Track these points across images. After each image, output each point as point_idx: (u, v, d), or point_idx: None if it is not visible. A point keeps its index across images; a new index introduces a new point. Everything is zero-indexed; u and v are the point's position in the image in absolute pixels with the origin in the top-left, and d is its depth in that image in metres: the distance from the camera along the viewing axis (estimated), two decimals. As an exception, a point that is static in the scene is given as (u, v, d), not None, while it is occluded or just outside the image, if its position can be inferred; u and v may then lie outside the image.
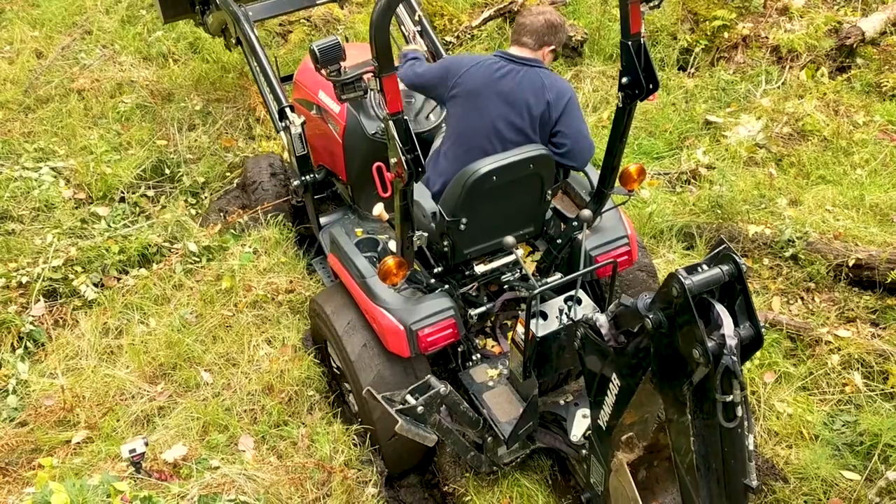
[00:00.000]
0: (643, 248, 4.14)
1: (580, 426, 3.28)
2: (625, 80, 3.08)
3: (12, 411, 3.70)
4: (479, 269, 3.49)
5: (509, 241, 3.20)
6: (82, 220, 4.69)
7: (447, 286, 3.50)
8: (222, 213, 4.83)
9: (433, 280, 3.49)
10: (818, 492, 3.54)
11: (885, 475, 3.49)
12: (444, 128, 3.62)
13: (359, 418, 3.68)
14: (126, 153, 5.33)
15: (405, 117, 2.68)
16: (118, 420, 3.64)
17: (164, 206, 4.99)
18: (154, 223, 4.67)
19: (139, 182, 5.14)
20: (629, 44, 2.98)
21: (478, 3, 6.96)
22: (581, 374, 2.97)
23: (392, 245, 3.70)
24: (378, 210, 3.41)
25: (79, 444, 3.53)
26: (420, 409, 2.98)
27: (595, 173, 3.59)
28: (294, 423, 3.71)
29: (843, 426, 3.79)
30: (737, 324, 2.16)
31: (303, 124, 4.03)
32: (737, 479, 2.25)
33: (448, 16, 6.77)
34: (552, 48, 3.43)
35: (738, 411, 2.14)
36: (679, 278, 2.09)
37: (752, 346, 2.19)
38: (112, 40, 6.50)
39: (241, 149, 5.48)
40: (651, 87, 3.06)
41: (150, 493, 2.86)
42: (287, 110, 4.09)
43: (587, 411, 2.91)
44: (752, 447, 2.24)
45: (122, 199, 4.99)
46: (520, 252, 3.33)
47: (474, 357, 3.62)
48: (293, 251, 4.60)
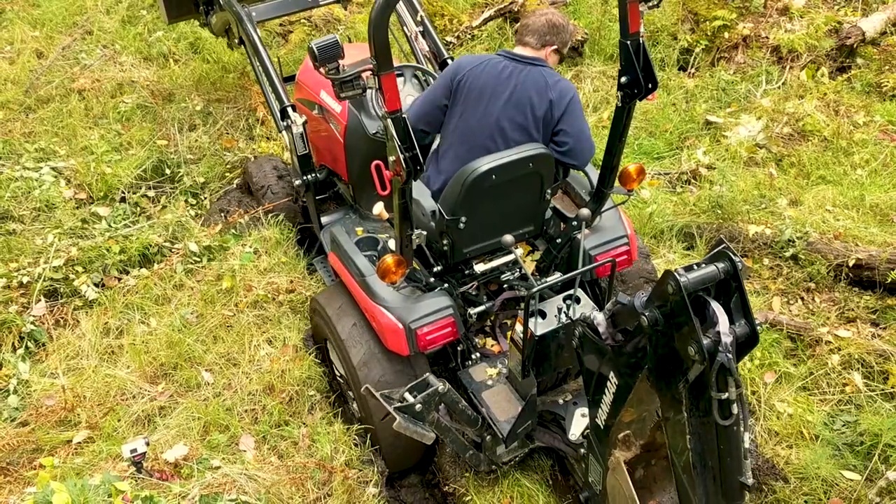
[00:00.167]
0: (646, 257, 4.12)
1: (579, 425, 3.29)
2: (624, 79, 3.09)
3: (13, 411, 3.71)
4: (479, 267, 3.51)
5: (508, 239, 3.20)
6: (83, 220, 4.70)
7: (446, 285, 3.51)
8: (223, 214, 4.84)
9: (432, 279, 3.50)
10: (818, 492, 3.54)
11: (885, 475, 3.49)
12: (446, 126, 3.62)
13: (359, 417, 3.69)
14: (127, 153, 5.34)
15: (404, 116, 2.69)
16: (119, 420, 3.65)
17: (164, 206, 5.00)
18: (155, 223, 4.67)
19: (140, 182, 5.16)
20: (628, 43, 2.99)
21: (478, 4, 6.96)
22: (580, 373, 2.98)
23: (392, 244, 3.70)
24: (378, 209, 3.42)
25: (80, 443, 3.54)
26: (418, 406, 2.99)
27: (595, 173, 3.59)
28: (295, 422, 3.72)
29: (844, 426, 3.80)
30: (732, 321, 2.16)
31: (304, 124, 4.05)
32: (733, 476, 2.25)
33: (448, 16, 6.77)
34: (555, 48, 3.43)
35: (734, 409, 2.14)
36: (675, 275, 2.10)
37: (747, 343, 2.20)
38: (113, 40, 6.51)
39: (242, 149, 5.49)
40: (650, 86, 3.07)
41: (151, 492, 2.86)
42: (289, 110, 4.12)
43: (586, 410, 2.92)
44: (748, 445, 2.24)
45: (123, 199, 5.00)
46: (519, 251, 3.33)
47: (473, 356, 3.63)
48: (294, 251, 4.60)
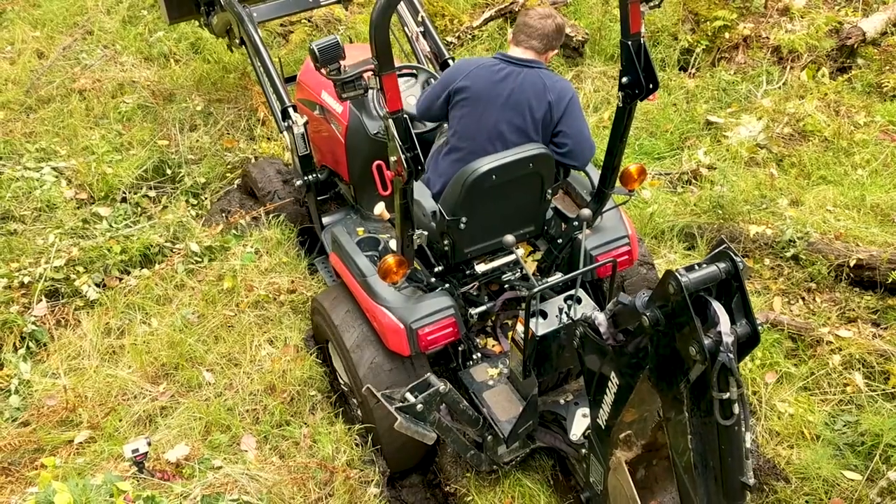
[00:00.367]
0: (651, 266, 4.09)
1: (580, 425, 3.29)
2: (625, 79, 3.09)
3: (15, 411, 3.71)
4: (480, 268, 3.51)
5: (509, 239, 3.19)
6: (84, 220, 4.70)
7: (448, 285, 3.51)
8: (224, 214, 4.84)
9: (434, 279, 3.50)
10: (819, 492, 3.54)
11: (886, 475, 3.50)
12: (445, 128, 3.62)
13: (360, 417, 3.69)
14: (127, 153, 5.34)
15: (405, 116, 2.69)
16: (120, 420, 3.65)
17: (165, 206, 5.00)
18: (156, 223, 4.67)
19: (141, 182, 5.16)
20: (629, 43, 2.99)
21: (479, 4, 6.96)
22: (581, 374, 2.98)
23: (393, 244, 3.71)
24: (379, 209, 3.42)
25: (81, 444, 3.54)
26: (419, 407, 2.99)
27: (596, 173, 3.59)
28: (296, 422, 3.72)
29: (845, 426, 3.80)
30: (734, 321, 2.16)
31: (305, 124, 4.05)
32: (734, 477, 2.25)
33: (449, 16, 6.77)
34: (555, 51, 3.45)
35: (735, 409, 2.14)
36: (676, 275, 2.10)
37: (748, 343, 2.20)
38: (113, 40, 6.51)
39: (243, 149, 5.49)
40: (651, 86, 3.07)
41: (152, 492, 2.86)
42: (290, 110, 4.11)
43: (587, 410, 2.92)
44: (749, 445, 2.24)
45: (124, 200, 5.00)
46: (520, 251, 3.33)
47: (475, 356, 3.63)
48: (295, 251, 4.60)
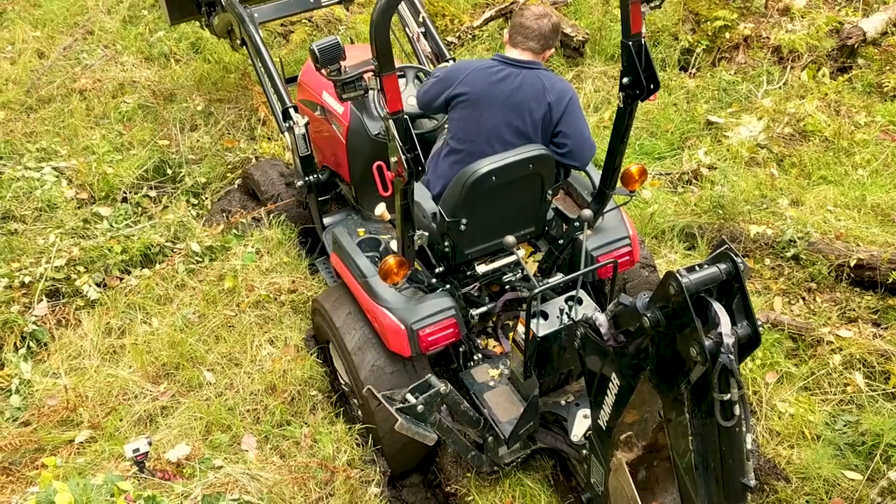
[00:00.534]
0: (653, 269, 4.07)
1: (581, 426, 3.28)
2: (626, 80, 3.08)
3: (15, 411, 3.72)
4: (481, 269, 3.50)
5: (510, 240, 3.18)
6: (84, 220, 4.70)
7: (448, 286, 3.50)
8: (225, 214, 4.84)
9: (434, 280, 3.50)
10: (820, 492, 3.55)
11: (887, 475, 3.50)
12: (445, 130, 3.62)
13: (361, 418, 3.69)
14: (128, 153, 5.34)
15: (405, 116, 2.69)
16: (121, 420, 3.65)
17: (166, 206, 5.00)
18: (156, 223, 4.67)
19: (141, 182, 5.16)
20: (630, 44, 2.98)
21: (479, 4, 6.96)
22: (582, 374, 2.97)
23: (394, 245, 3.71)
24: (380, 210, 3.42)
25: (82, 443, 3.54)
26: (420, 408, 2.99)
27: (597, 174, 3.59)
28: (297, 422, 3.72)
29: (845, 426, 3.80)
30: (734, 322, 2.15)
31: (306, 125, 4.05)
32: (735, 478, 2.24)
33: (449, 16, 6.77)
34: (552, 51, 3.44)
35: (736, 410, 2.14)
36: (676, 276, 2.09)
37: (749, 344, 2.19)
38: (114, 40, 6.51)
39: (243, 149, 5.48)
40: (652, 87, 3.06)
41: (153, 492, 2.87)
42: (291, 111, 4.10)
43: (588, 411, 2.91)
44: (750, 446, 2.23)
45: (125, 200, 5.00)
46: (521, 252, 3.33)
47: (476, 357, 3.63)
48: (296, 251, 4.60)
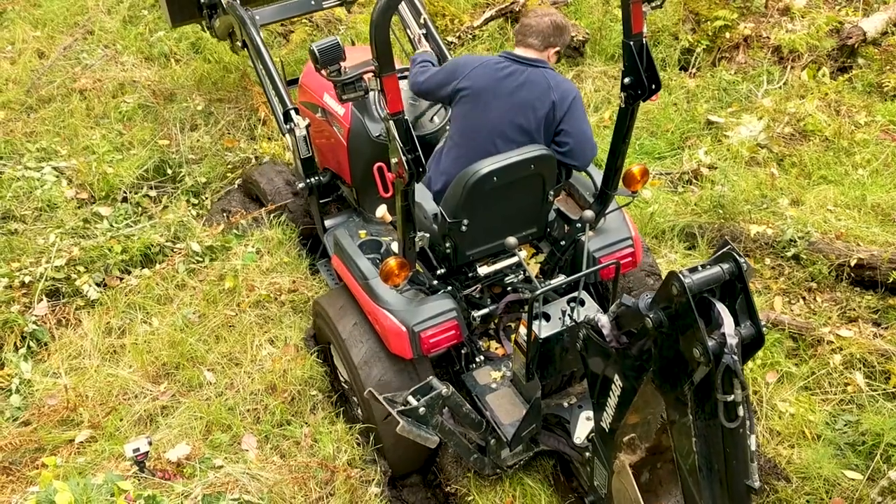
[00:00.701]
0: (646, 251, 4.05)
1: (584, 428, 3.25)
2: (627, 80, 3.08)
3: (16, 411, 3.72)
4: (483, 270, 3.49)
5: (511, 241, 3.16)
6: (85, 219, 4.70)
7: (450, 288, 3.49)
8: (225, 213, 4.83)
9: (436, 281, 3.48)
10: (820, 491, 3.55)
11: (887, 475, 3.50)
12: (448, 127, 3.62)
13: (361, 416, 3.68)
14: (128, 153, 5.34)
15: (406, 118, 2.68)
16: (121, 419, 3.65)
17: (166, 206, 5.00)
18: (156, 223, 4.67)
19: (141, 182, 5.16)
20: (631, 44, 2.96)
21: (479, 4, 6.96)
22: (584, 376, 2.95)
23: (395, 246, 3.70)
24: (381, 212, 3.41)
25: (82, 443, 3.54)
26: (421, 410, 2.97)
27: (599, 174, 3.57)
28: (297, 422, 3.72)
29: (846, 426, 3.80)
30: (738, 323, 2.14)
31: (307, 126, 4.02)
32: (739, 480, 2.23)
33: (450, 16, 6.76)
34: (557, 49, 3.43)
35: (740, 411, 2.12)
36: (679, 276, 2.08)
37: (753, 345, 2.18)
38: (114, 40, 6.51)
39: (243, 149, 5.48)
40: (653, 87, 3.05)
41: (153, 492, 2.87)
42: (291, 113, 4.07)
43: (590, 413, 2.90)
44: (754, 448, 2.22)
45: (125, 199, 5.00)
46: (523, 254, 3.31)
47: (478, 359, 3.61)
48: (296, 251, 4.60)
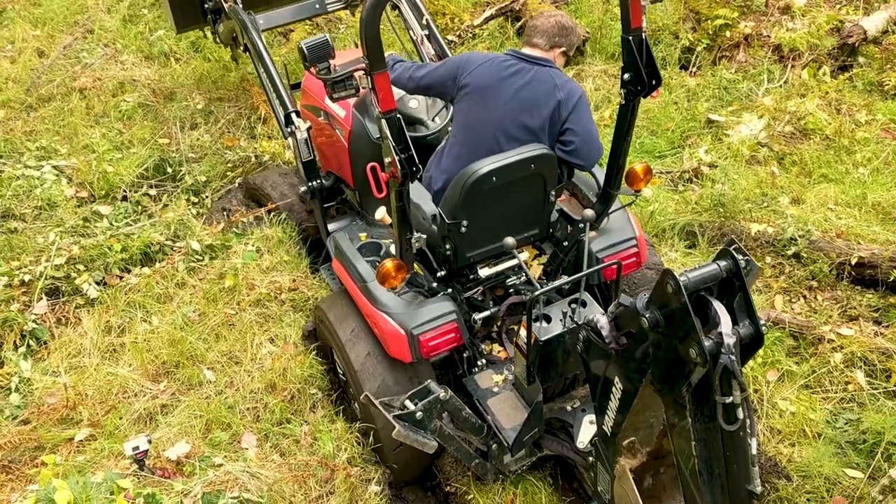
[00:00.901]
0: (650, 246, 3.98)
1: (587, 432, 3.17)
2: (626, 76, 3.03)
3: (15, 409, 3.71)
4: (484, 272, 3.44)
5: (510, 242, 3.12)
6: (84, 218, 4.69)
7: (450, 290, 3.44)
8: (225, 212, 4.83)
9: (436, 284, 3.44)
10: (821, 490, 3.54)
11: (888, 473, 3.49)
12: (451, 125, 3.58)
13: (360, 414, 3.67)
14: (128, 152, 5.34)
15: (398, 116, 2.65)
16: (121, 418, 3.65)
17: (166, 204, 4.99)
18: (156, 222, 4.67)
19: (141, 181, 5.15)
20: (630, 39, 2.92)
21: (479, 3, 6.95)
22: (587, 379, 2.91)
23: (394, 249, 3.68)
24: (380, 214, 3.36)
25: (82, 441, 3.54)
26: (419, 414, 2.91)
27: (602, 174, 3.53)
28: (297, 420, 3.72)
29: (846, 424, 3.79)
30: (736, 322, 2.09)
31: (308, 129, 3.95)
32: (740, 484, 2.17)
33: (450, 15, 6.76)
34: (563, 50, 3.40)
35: (739, 413, 2.07)
36: (673, 274, 2.03)
37: (752, 345, 2.12)
38: (114, 39, 6.50)
39: (244, 148, 5.47)
40: (654, 83, 3.01)
41: (153, 490, 2.87)
42: (293, 115, 4.01)
43: (594, 417, 2.80)
44: (755, 451, 2.16)
45: (125, 198, 5.00)
46: (525, 255, 3.29)
47: (480, 362, 3.56)
48: (296, 250, 4.60)
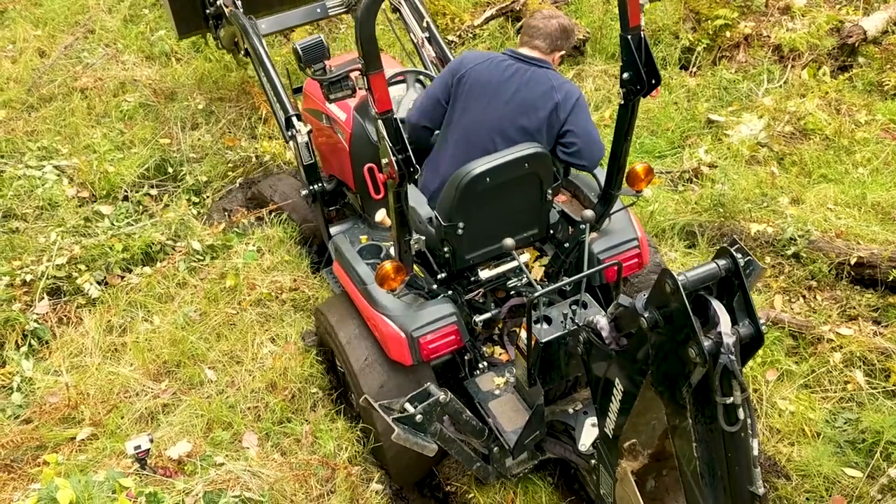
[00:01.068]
0: (654, 250, 3.98)
1: (589, 435, 3.14)
2: (626, 75, 3.00)
3: (17, 409, 3.73)
4: (484, 274, 3.42)
5: (508, 243, 3.09)
6: (86, 218, 4.70)
7: (451, 292, 3.43)
8: (226, 212, 4.84)
9: (435, 286, 3.41)
10: (820, 489, 3.55)
11: (887, 472, 3.50)
12: (445, 125, 3.54)
13: (357, 415, 3.67)
14: (129, 152, 5.35)
15: (395, 116, 2.65)
16: (123, 417, 3.66)
17: (167, 204, 5.00)
18: (157, 222, 4.68)
19: (142, 181, 5.16)
20: (629, 38, 2.90)
21: (480, 3, 6.96)
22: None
23: (394, 251, 3.68)
24: (380, 216, 3.35)
25: (84, 441, 3.55)
26: (418, 417, 2.88)
27: (603, 174, 3.50)
28: (297, 420, 3.73)
29: (845, 424, 3.80)
30: (736, 322, 2.07)
31: (309, 133, 3.94)
32: (743, 486, 2.14)
33: (450, 15, 6.76)
34: (562, 53, 3.39)
35: (740, 414, 2.05)
36: (672, 274, 2.01)
37: (752, 345, 2.10)
38: (115, 39, 6.51)
39: (244, 148, 5.48)
40: (653, 82, 2.98)
41: (155, 489, 2.88)
42: (293, 119, 3.98)
43: (596, 419, 2.78)
44: (756, 452, 2.14)
45: (126, 198, 5.01)
46: (526, 256, 3.27)
47: (481, 365, 3.55)
48: (297, 250, 4.61)
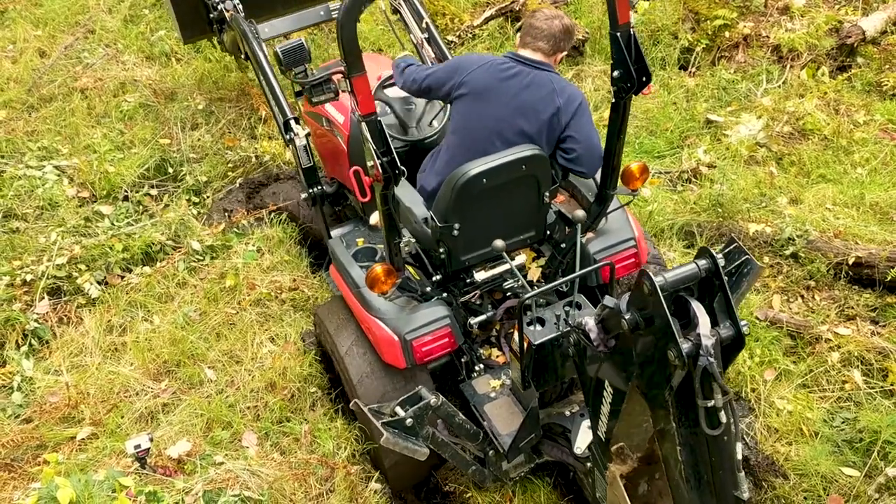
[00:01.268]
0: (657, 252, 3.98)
1: (585, 438, 3.10)
2: (616, 73, 2.97)
3: (17, 408, 3.74)
4: (480, 276, 3.40)
5: (498, 244, 3.05)
6: (86, 218, 4.72)
7: (445, 294, 3.41)
8: (226, 213, 4.85)
9: (429, 288, 3.40)
10: (818, 488, 3.56)
11: (884, 472, 3.51)
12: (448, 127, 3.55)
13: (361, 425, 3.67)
14: (129, 152, 5.36)
15: (379, 119, 2.66)
16: (123, 416, 3.68)
17: (167, 204, 5.01)
18: (157, 222, 4.69)
19: (142, 181, 5.17)
20: (618, 35, 2.86)
21: (479, 3, 6.96)
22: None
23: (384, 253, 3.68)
24: (374, 219, 3.34)
25: (84, 440, 3.57)
26: (409, 421, 2.84)
27: (599, 174, 3.48)
28: (297, 419, 3.74)
29: (843, 423, 3.81)
30: (717, 323, 2.04)
31: (307, 136, 3.91)
32: (727, 491, 2.12)
33: (450, 15, 6.77)
34: (564, 54, 3.36)
35: (722, 417, 2.00)
36: (649, 275, 1.98)
37: (733, 346, 2.06)
38: (115, 39, 6.52)
39: (244, 148, 5.49)
40: (644, 79, 2.94)
41: (154, 488, 2.89)
42: (291, 122, 3.92)
43: None
44: (740, 456, 2.10)
45: (126, 198, 5.02)
46: (522, 258, 3.27)
47: (478, 367, 3.53)
48: (296, 250, 4.62)
